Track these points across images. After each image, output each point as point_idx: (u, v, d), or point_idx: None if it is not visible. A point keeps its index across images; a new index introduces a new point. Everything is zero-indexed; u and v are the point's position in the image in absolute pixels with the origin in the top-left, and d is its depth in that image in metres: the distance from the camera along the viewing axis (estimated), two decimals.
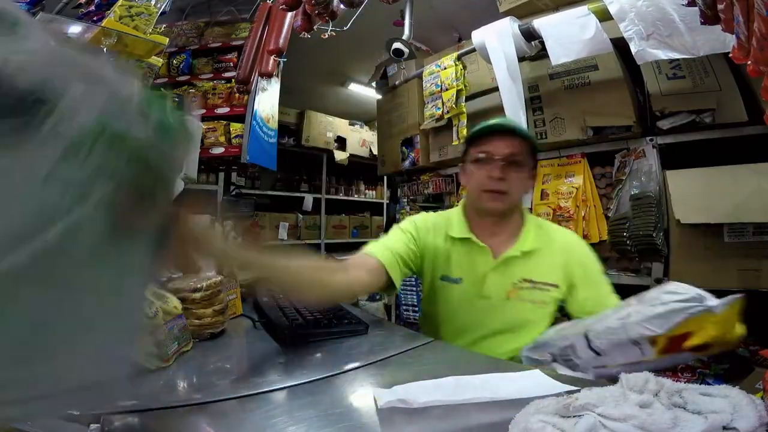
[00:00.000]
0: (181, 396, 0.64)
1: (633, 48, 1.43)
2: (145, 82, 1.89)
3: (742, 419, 0.41)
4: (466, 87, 2.15)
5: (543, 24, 1.68)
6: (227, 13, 2.76)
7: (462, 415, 0.59)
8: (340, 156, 4.41)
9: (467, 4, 2.44)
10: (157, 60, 1.94)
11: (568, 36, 1.61)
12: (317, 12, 1.79)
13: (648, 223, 1.56)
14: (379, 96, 3.15)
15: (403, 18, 2.33)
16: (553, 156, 2.01)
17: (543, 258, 1.10)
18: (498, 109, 1.94)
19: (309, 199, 4.33)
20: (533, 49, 1.82)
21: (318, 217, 4.40)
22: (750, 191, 1.38)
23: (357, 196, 5.01)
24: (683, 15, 1.31)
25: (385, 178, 4.71)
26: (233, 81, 2.39)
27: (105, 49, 1.71)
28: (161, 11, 1.89)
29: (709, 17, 0.77)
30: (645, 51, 1.41)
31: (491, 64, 1.80)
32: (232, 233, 0.71)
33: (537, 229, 1.14)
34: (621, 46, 1.55)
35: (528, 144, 1.09)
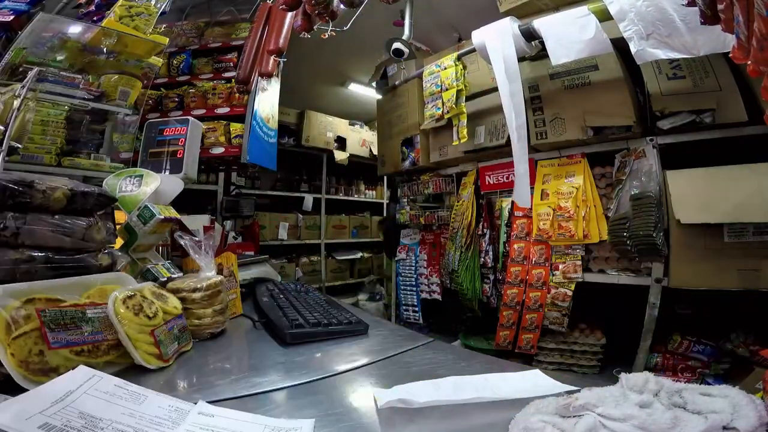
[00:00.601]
0: (181, 396, 0.64)
1: (633, 48, 1.43)
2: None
3: (742, 419, 0.41)
4: (466, 87, 2.15)
5: (543, 24, 1.68)
6: (227, 13, 2.76)
7: (462, 415, 0.59)
8: (340, 156, 4.41)
9: (467, 4, 2.44)
10: (157, 60, 1.94)
11: (568, 36, 1.61)
12: (317, 12, 1.79)
13: (648, 223, 1.56)
14: (379, 96, 3.15)
15: (403, 18, 2.33)
16: (553, 156, 2.01)
17: None
18: (498, 109, 1.94)
19: (309, 199, 4.33)
20: (533, 49, 1.81)
21: (318, 217, 4.40)
22: (750, 191, 1.38)
23: (357, 196, 5.01)
24: (683, 15, 1.31)
25: (385, 178, 4.72)
26: (233, 81, 2.39)
27: (105, 49, 1.71)
28: (161, 11, 1.89)
29: (709, 17, 0.77)
30: (645, 51, 1.41)
31: (491, 64, 1.80)
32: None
33: None
34: (621, 46, 1.55)
35: None
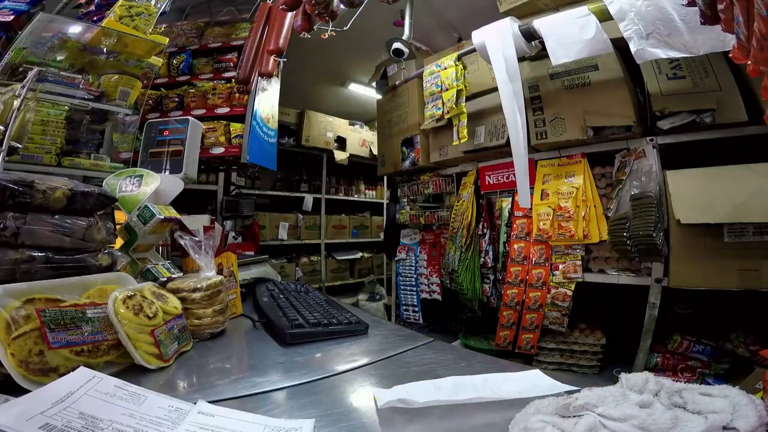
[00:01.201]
0: (181, 396, 0.64)
1: (632, 47, 1.43)
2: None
3: (742, 419, 0.41)
4: (466, 87, 2.15)
5: (543, 24, 1.68)
6: (227, 13, 2.76)
7: (462, 415, 0.59)
8: (340, 156, 4.41)
9: (467, 4, 2.44)
10: (157, 60, 1.94)
11: (568, 36, 1.61)
12: (317, 12, 1.79)
13: (648, 223, 1.56)
14: (379, 96, 3.15)
15: (403, 18, 2.33)
16: (553, 156, 2.01)
17: None
18: (498, 109, 1.94)
19: (309, 199, 4.33)
20: (533, 49, 1.81)
21: (318, 217, 4.40)
22: (750, 191, 1.38)
23: (357, 196, 5.01)
24: (683, 14, 1.31)
25: (385, 178, 4.71)
26: (233, 81, 2.39)
27: (105, 49, 1.71)
28: (161, 11, 1.89)
29: (709, 17, 0.77)
30: (644, 50, 1.41)
31: (491, 64, 1.80)
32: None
33: None
34: (621, 46, 1.55)
35: None
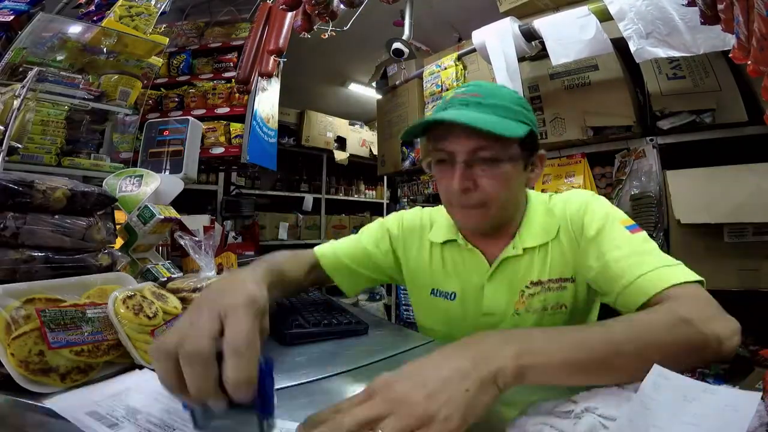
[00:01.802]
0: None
1: (632, 46, 1.43)
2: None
3: None
4: None
5: (543, 24, 1.68)
6: (227, 13, 2.77)
7: None
8: (340, 156, 4.41)
9: (467, 4, 2.44)
10: (157, 60, 1.94)
11: (568, 36, 1.61)
12: (317, 12, 1.79)
13: (648, 223, 1.56)
14: (379, 96, 3.15)
15: (403, 18, 2.33)
16: (554, 156, 2.01)
17: (553, 249, 0.81)
18: None
19: (309, 199, 4.33)
20: (533, 49, 1.82)
21: (318, 217, 4.40)
22: (750, 191, 1.38)
23: (357, 196, 5.01)
24: (683, 14, 1.31)
25: (385, 178, 4.72)
26: (233, 81, 2.39)
27: (105, 49, 1.71)
28: (161, 11, 1.89)
29: (709, 17, 0.77)
30: (644, 49, 1.41)
31: (491, 64, 1.80)
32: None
33: (545, 216, 0.83)
34: (621, 46, 1.55)
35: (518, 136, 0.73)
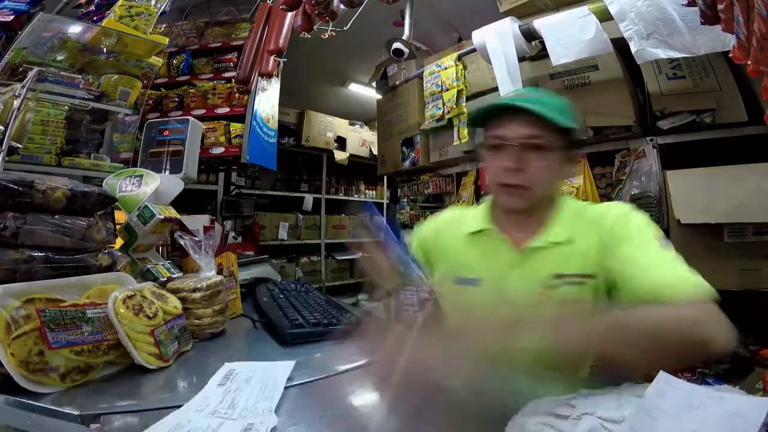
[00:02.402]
0: (181, 396, 0.64)
1: (633, 47, 1.43)
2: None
3: None
4: (466, 87, 2.15)
5: (543, 24, 1.68)
6: (227, 13, 2.76)
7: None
8: (340, 156, 4.41)
9: (467, 4, 2.44)
10: (157, 60, 1.94)
11: (568, 36, 1.61)
12: (317, 12, 1.79)
13: None
14: (379, 96, 3.15)
15: (403, 18, 2.33)
16: None
17: (578, 246, 0.85)
18: None
19: (309, 199, 4.33)
20: (533, 49, 1.81)
21: (318, 217, 4.40)
22: (750, 191, 1.38)
23: (357, 196, 5.01)
24: (683, 14, 1.31)
25: (385, 178, 4.71)
26: (233, 81, 2.39)
27: (105, 49, 1.71)
28: (161, 11, 1.89)
29: (709, 17, 0.77)
30: (645, 50, 1.41)
31: (491, 64, 1.80)
32: None
33: (574, 216, 0.90)
34: (621, 46, 1.55)
35: (566, 128, 0.85)
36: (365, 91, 4.01)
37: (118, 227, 1.04)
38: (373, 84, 3.24)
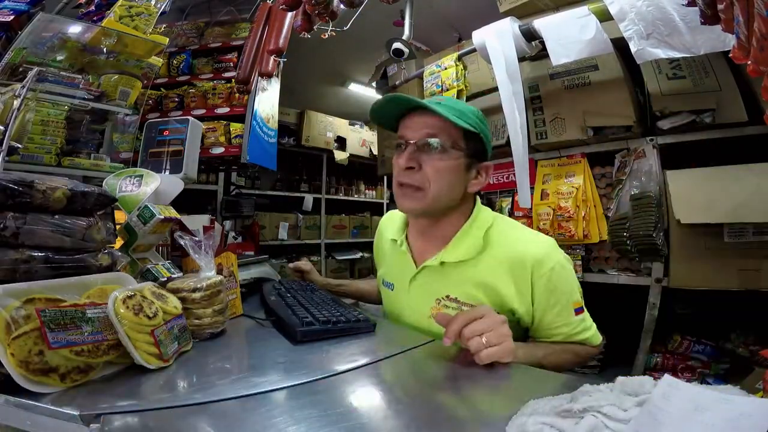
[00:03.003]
0: (181, 396, 0.64)
1: (633, 47, 1.43)
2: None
3: None
4: (466, 87, 2.15)
5: (543, 24, 1.68)
6: (227, 13, 2.76)
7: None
8: (340, 156, 4.41)
9: (467, 4, 2.44)
10: (157, 60, 1.94)
11: (568, 36, 1.61)
12: (317, 12, 1.79)
13: (648, 223, 1.56)
14: (379, 96, 3.15)
15: (403, 18, 2.33)
16: (553, 156, 2.01)
17: (474, 272, 0.87)
18: (498, 109, 1.94)
19: (309, 199, 4.33)
20: (533, 49, 1.81)
21: (318, 217, 4.40)
22: (750, 191, 1.38)
23: (357, 196, 5.01)
24: (683, 14, 1.31)
25: (385, 178, 4.72)
26: (233, 81, 2.39)
27: (105, 49, 1.71)
28: (161, 11, 1.89)
29: (709, 17, 0.77)
30: (645, 50, 1.41)
31: (491, 64, 1.80)
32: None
33: (477, 236, 0.89)
34: (621, 46, 1.55)
35: (466, 129, 0.84)
36: (365, 91, 4.01)
37: (118, 227, 1.04)
38: (373, 84, 3.24)
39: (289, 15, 2.15)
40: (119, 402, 0.58)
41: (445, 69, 2.19)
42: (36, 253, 0.71)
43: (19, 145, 1.26)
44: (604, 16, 1.53)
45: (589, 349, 0.92)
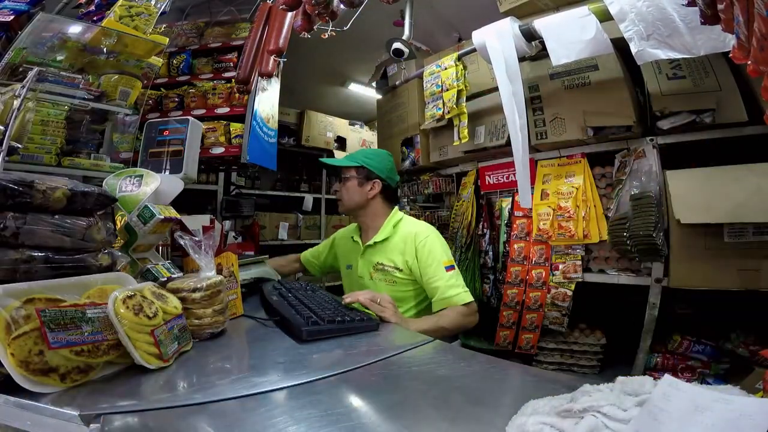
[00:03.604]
0: (181, 396, 0.64)
1: (633, 48, 1.43)
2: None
3: None
4: (466, 87, 2.14)
5: (543, 24, 1.68)
6: (227, 13, 2.76)
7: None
8: (340, 156, 4.41)
9: (467, 4, 2.44)
10: (157, 60, 1.94)
11: (568, 36, 1.61)
12: (317, 12, 1.79)
13: (648, 223, 1.56)
14: (379, 96, 3.15)
15: (403, 18, 2.33)
16: (554, 156, 2.01)
17: (389, 247, 1.51)
18: (498, 109, 1.94)
19: (309, 199, 4.33)
20: (533, 49, 1.81)
21: (318, 217, 4.40)
22: (750, 191, 1.38)
23: None
24: (683, 15, 1.31)
25: None
26: (233, 81, 2.39)
27: (105, 49, 1.71)
28: (161, 11, 1.89)
29: (709, 17, 0.77)
30: (645, 51, 1.41)
31: (491, 64, 1.80)
32: None
33: (391, 225, 1.54)
34: (621, 46, 1.55)
35: (354, 166, 1.56)
36: (365, 91, 4.01)
37: (118, 227, 1.04)
38: (373, 84, 3.24)
39: (289, 15, 2.15)
40: (119, 402, 0.58)
41: (445, 69, 2.19)
42: (36, 253, 0.71)
43: (19, 145, 1.26)
44: (604, 16, 1.53)
45: (460, 308, 1.38)
